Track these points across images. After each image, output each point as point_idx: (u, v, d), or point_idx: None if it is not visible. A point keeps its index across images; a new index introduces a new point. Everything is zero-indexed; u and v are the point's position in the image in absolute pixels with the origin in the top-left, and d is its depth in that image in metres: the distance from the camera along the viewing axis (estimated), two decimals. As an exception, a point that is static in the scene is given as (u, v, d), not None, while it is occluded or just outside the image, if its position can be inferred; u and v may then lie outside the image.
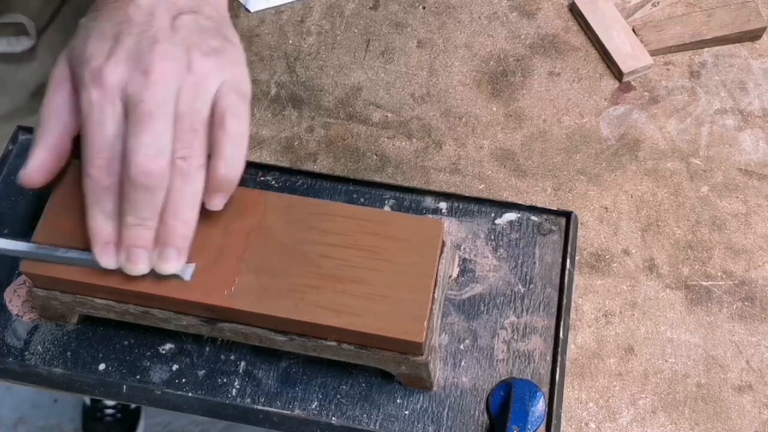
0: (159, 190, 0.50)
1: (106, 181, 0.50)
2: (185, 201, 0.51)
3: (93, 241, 0.52)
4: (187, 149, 0.50)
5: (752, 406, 0.61)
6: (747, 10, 0.77)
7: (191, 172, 0.51)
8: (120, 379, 0.59)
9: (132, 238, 0.51)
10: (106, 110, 0.50)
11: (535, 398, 0.57)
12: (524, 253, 0.64)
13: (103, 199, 0.51)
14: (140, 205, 0.50)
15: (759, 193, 0.70)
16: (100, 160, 0.50)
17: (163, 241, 0.51)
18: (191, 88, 0.50)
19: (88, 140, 0.50)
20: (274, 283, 0.54)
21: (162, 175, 0.49)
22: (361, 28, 0.80)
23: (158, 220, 0.51)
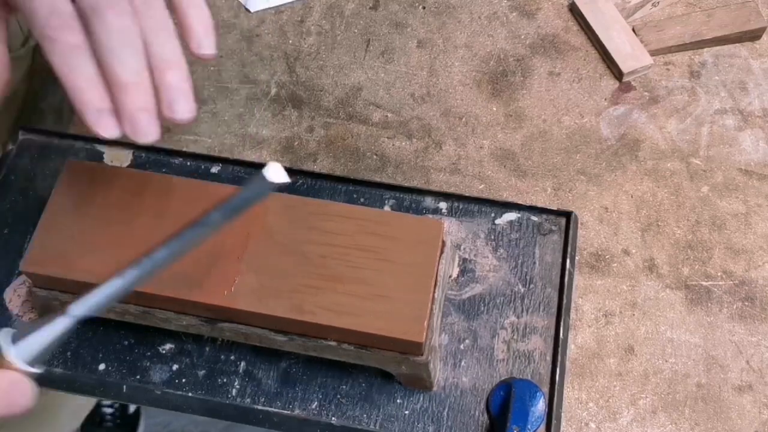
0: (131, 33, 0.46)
1: (72, 39, 0.46)
2: (165, 43, 0.47)
3: (84, 111, 0.46)
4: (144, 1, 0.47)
5: (752, 406, 0.61)
6: (747, 10, 0.77)
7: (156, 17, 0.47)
8: (120, 379, 0.59)
9: (131, 98, 0.46)
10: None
11: (535, 398, 0.57)
12: (524, 253, 0.64)
13: (79, 60, 0.46)
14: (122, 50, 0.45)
15: (759, 193, 0.70)
16: (57, 20, 0.45)
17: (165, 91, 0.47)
18: None
19: (35, 8, 0.45)
20: (274, 283, 0.54)
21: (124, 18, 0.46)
22: (361, 28, 0.80)
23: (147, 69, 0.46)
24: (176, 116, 0.47)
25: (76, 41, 0.46)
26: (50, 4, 0.46)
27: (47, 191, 0.58)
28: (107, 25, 0.45)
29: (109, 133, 0.46)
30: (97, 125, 0.46)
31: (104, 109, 0.46)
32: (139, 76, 0.46)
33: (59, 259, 0.55)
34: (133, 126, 0.46)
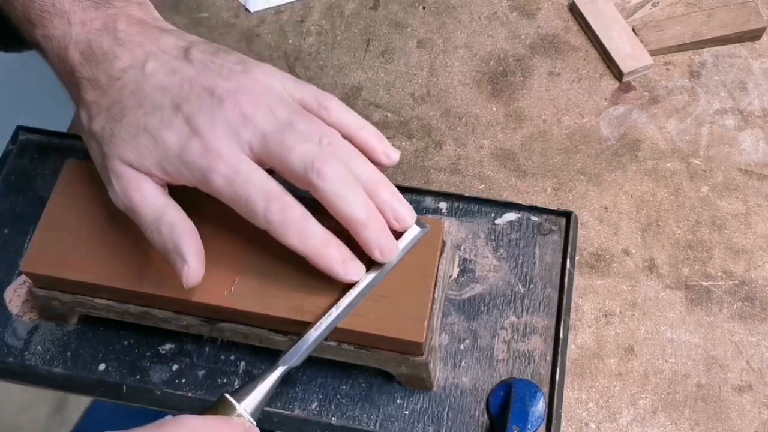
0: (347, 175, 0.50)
1: (296, 213, 0.50)
2: (361, 164, 0.51)
3: (331, 268, 0.51)
4: (323, 135, 0.51)
5: (752, 406, 0.61)
6: (747, 10, 0.77)
7: (341, 144, 0.51)
8: (120, 379, 0.59)
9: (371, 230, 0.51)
10: (242, 168, 0.49)
11: (535, 398, 0.57)
12: (524, 253, 0.64)
13: (308, 229, 0.50)
14: (348, 193, 0.49)
15: (759, 193, 0.70)
16: (276, 204, 0.49)
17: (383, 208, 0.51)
18: (275, 99, 0.51)
19: (250, 201, 0.49)
20: (274, 283, 0.54)
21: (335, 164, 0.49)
22: (361, 28, 0.80)
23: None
24: (404, 225, 0.53)
25: (300, 213, 0.50)
26: (263, 191, 0.49)
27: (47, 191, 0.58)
28: (327, 178, 0.49)
29: (358, 275, 0.51)
30: (348, 274, 0.51)
31: (346, 258, 0.51)
32: (369, 208, 0.50)
33: (59, 259, 0.55)
34: (382, 251, 0.51)
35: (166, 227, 0.51)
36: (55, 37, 0.53)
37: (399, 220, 0.52)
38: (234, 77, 0.51)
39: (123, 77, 0.51)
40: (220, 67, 0.52)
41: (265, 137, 0.50)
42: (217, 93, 0.50)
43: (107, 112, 0.51)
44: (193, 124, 0.49)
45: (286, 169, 0.50)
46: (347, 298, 0.52)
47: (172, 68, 0.51)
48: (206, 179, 0.50)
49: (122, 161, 0.51)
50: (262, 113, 0.50)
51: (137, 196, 0.51)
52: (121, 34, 0.52)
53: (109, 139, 0.51)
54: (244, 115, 0.50)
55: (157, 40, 0.53)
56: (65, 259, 0.55)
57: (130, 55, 0.51)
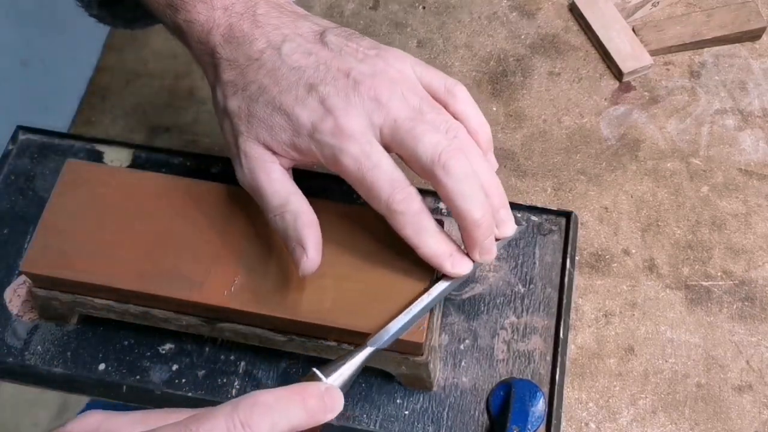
0: (471, 173, 0.50)
1: (416, 206, 0.50)
2: (482, 164, 0.52)
3: (440, 261, 0.51)
4: (450, 127, 0.51)
5: (752, 406, 0.61)
6: (747, 10, 0.77)
7: (467, 140, 0.52)
8: (120, 379, 0.59)
9: (483, 231, 0.51)
10: (372, 152, 0.50)
11: (535, 398, 0.57)
12: (524, 253, 0.64)
13: (423, 222, 0.51)
14: (471, 192, 0.50)
15: (759, 193, 0.70)
16: (399, 194, 0.50)
17: (494, 211, 0.52)
18: (407, 85, 0.52)
19: (375, 186, 0.50)
20: (273, 283, 0.54)
21: (461, 159, 0.50)
22: (361, 28, 0.80)
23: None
24: (504, 234, 0.54)
25: (419, 205, 0.51)
26: (389, 178, 0.50)
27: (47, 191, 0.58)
28: (452, 173, 0.50)
29: (465, 270, 0.52)
30: (456, 268, 0.52)
31: (453, 253, 0.52)
32: (485, 209, 0.51)
33: (59, 259, 0.55)
34: (483, 253, 0.52)
35: (290, 215, 0.51)
36: (197, 21, 0.54)
37: (500, 227, 0.53)
38: (369, 61, 0.52)
39: (261, 57, 0.52)
40: (355, 50, 0.52)
41: (396, 123, 0.50)
42: (352, 75, 0.51)
43: (243, 92, 0.52)
44: (328, 104, 0.50)
45: (413, 158, 0.50)
46: (439, 288, 0.53)
47: (307, 50, 0.52)
48: (336, 159, 0.50)
49: (255, 140, 0.52)
50: (395, 99, 0.51)
51: (264, 177, 0.52)
52: (260, 17, 0.53)
53: (245, 117, 0.52)
54: (377, 99, 0.50)
55: (294, 23, 0.54)
56: (65, 259, 0.55)
57: (267, 38, 0.53)
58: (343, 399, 0.45)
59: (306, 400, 0.43)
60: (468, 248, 0.52)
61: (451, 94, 0.53)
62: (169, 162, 0.67)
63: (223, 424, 0.39)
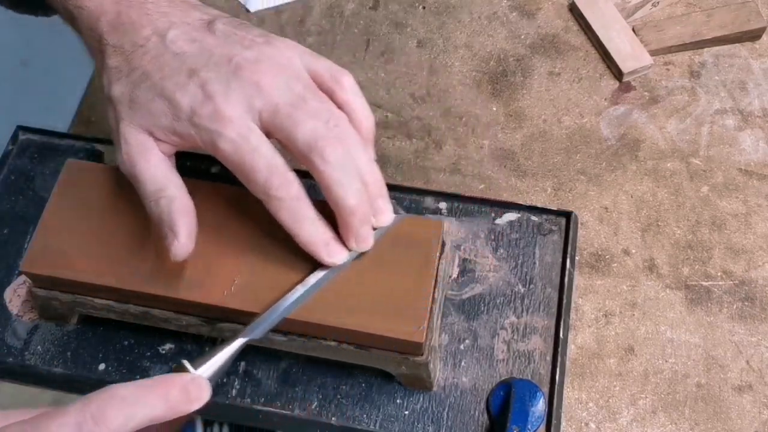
0: (348, 161, 0.51)
1: (294, 192, 0.51)
2: (361, 154, 0.52)
3: (315, 248, 0.52)
4: (332, 117, 0.52)
5: (752, 406, 0.61)
6: (747, 10, 0.77)
7: (347, 130, 0.52)
8: (120, 379, 0.59)
9: (358, 218, 0.51)
10: (251, 137, 0.50)
11: (535, 398, 0.57)
12: (524, 253, 0.64)
13: (302, 209, 0.51)
14: (346, 179, 0.50)
15: (759, 193, 0.70)
16: (277, 179, 0.50)
17: (371, 200, 0.52)
18: (292, 72, 0.52)
19: (253, 171, 0.50)
20: (273, 283, 0.54)
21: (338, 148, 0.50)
22: (361, 28, 0.80)
23: None
24: (381, 222, 0.54)
25: (297, 192, 0.51)
26: (267, 163, 0.50)
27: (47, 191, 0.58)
28: (329, 162, 0.50)
29: (341, 259, 0.52)
30: (330, 256, 0.52)
31: (329, 241, 0.52)
32: (361, 196, 0.51)
33: (59, 259, 0.55)
34: (358, 240, 0.52)
35: (165, 200, 0.51)
36: (87, 7, 0.54)
37: (377, 215, 0.53)
38: (255, 48, 0.52)
39: (146, 44, 0.52)
40: (242, 38, 0.53)
41: (276, 108, 0.50)
42: (234, 61, 0.51)
43: (127, 78, 0.53)
44: (208, 89, 0.50)
45: (291, 144, 0.51)
46: (314, 278, 0.53)
47: (192, 37, 0.52)
48: (214, 143, 0.50)
49: (136, 125, 0.52)
50: (277, 85, 0.51)
51: (142, 163, 0.52)
52: (149, 6, 0.54)
53: (127, 103, 0.52)
54: (258, 84, 0.51)
55: (183, 12, 0.54)
56: (65, 259, 0.55)
57: (153, 25, 0.53)
58: (209, 390, 0.45)
59: (169, 391, 0.43)
60: (344, 236, 0.52)
61: (336, 82, 0.54)
62: (169, 162, 0.67)
63: (73, 419, 0.38)
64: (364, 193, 0.51)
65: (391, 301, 0.53)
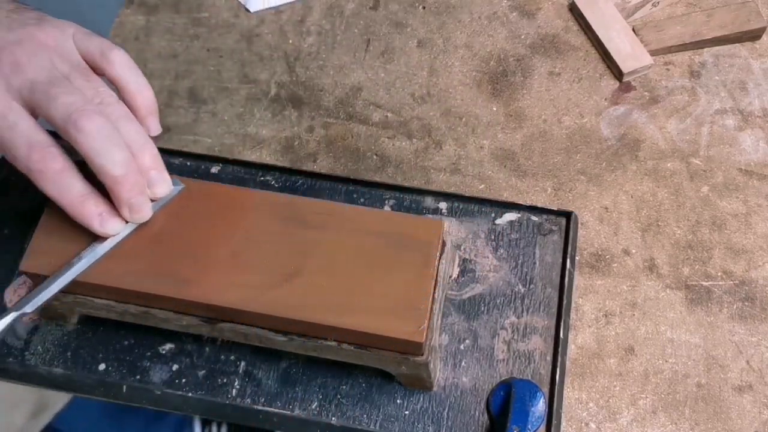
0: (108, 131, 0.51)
1: (57, 165, 0.51)
2: (129, 126, 0.53)
3: (87, 221, 0.53)
4: (97, 94, 0.52)
5: (752, 406, 0.61)
6: (747, 10, 0.77)
7: (113, 104, 0.53)
8: (120, 379, 0.59)
9: (126, 188, 0.52)
10: (9, 114, 0.51)
11: (535, 398, 0.57)
12: (524, 253, 0.64)
13: (67, 181, 0.52)
14: (107, 149, 0.51)
15: (759, 193, 0.70)
16: (37, 153, 0.51)
17: (144, 172, 0.53)
18: (58, 52, 0.53)
19: (13, 146, 0.51)
20: (273, 283, 0.54)
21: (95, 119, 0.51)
22: (361, 28, 0.80)
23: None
24: (155, 194, 0.55)
25: (61, 165, 0.51)
26: (27, 139, 0.51)
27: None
28: (85, 132, 0.50)
29: (115, 230, 0.53)
30: (103, 228, 0.53)
31: (103, 212, 0.53)
32: (128, 166, 0.52)
33: (59, 259, 0.55)
34: (131, 210, 0.53)
35: None
36: None
37: (152, 187, 0.54)
38: (21, 29, 0.53)
39: None
40: (12, 20, 0.54)
41: (33, 86, 0.51)
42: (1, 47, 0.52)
43: None
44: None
45: (50, 120, 0.51)
46: (90, 251, 0.53)
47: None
48: None
49: None
50: (36, 63, 0.52)
51: None
52: None
53: None
54: (17, 63, 0.52)
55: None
56: (65, 259, 0.55)
57: None
58: None
59: None
60: (117, 207, 0.53)
61: (106, 59, 0.55)
62: (169, 162, 0.67)
63: None
64: (131, 164, 0.52)
65: (391, 301, 0.53)
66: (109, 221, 0.53)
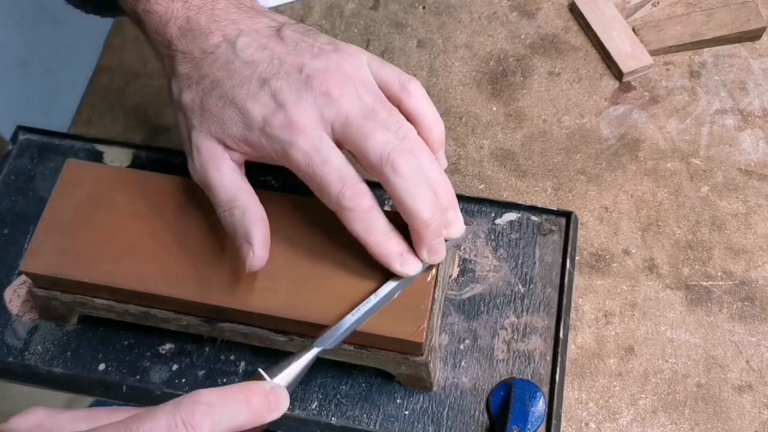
0: (419, 172, 0.50)
1: (367, 203, 0.51)
2: (432, 164, 0.52)
3: (389, 260, 0.52)
4: (401, 128, 0.51)
5: (752, 406, 0.61)
6: (747, 10, 0.77)
7: (417, 141, 0.52)
8: (120, 379, 0.59)
9: (431, 231, 0.51)
10: (322, 147, 0.50)
11: (535, 398, 0.57)
12: (524, 253, 0.64)
13: (375, 220, 0.51)
14: (419, 192, 0.50)
15: (759, 193, 0.70)
16: (349, 190, 0.50)
17: (443, 212, 0.52)
18: (361, 82, 0.52)
19: (325, 182, 0.50)
20: (273, 283, 0.54)
21: (410, 159, 0.50)
22: (361, 28, 0.80)
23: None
24: (451, 235, 0.54)
25: (369, 203, 0.51)
26: (340, 174, 0.50)
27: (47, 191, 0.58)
28: (400, 172, 0.50)
29: (415, 270, 0.52)
30: (404, 267, 0.52)
31: (403, 252, 0.52)
32: (434, 208, 0.51)
33: (59, 259, 0.55)
34: (431, 252, 0.52)
35: (238, 211, 0.52)
36: (156, 12, 0.54)
37: (449, 227, 0.53)
38: (324, 56, 0.52)
39: (216, 51, 0.52)
40: (311, 45, 0.53)
41: (347, 119, 0.50)
42: (305, 71, 0.51)
43: (197, 85, 0.53)
44: (279, 98, 0.50)
45: (362, 156, 0.51)
46: (385, 289, 0.52)
47: (262, 45, 0.52)
48: (286, 153, 0.50)
49: (207, 133, 0.52)
50: (348, 95, 0.51)
51: (215, 173, 0.52)
52: (218, 12, 0.54)
53: (198, 111, 0.52)
54: (329, 94, 0.51)
55: (252, 19, 0.54)
56: (65, 259, 0.55)
57: (223, 32, 0.53)
58: (288, 399, 0.46)
59: (250, 399, 0.43)
60: (417, 248, 0.52)
61: (405, 90, 0.54)
62: (169, 162, 0.67)
63: (164, 423, 0.39)
64: (436, 205, 0.51)
65: (392, 301, 0.53)
66: (408, 262, 0.52)
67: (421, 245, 0.52)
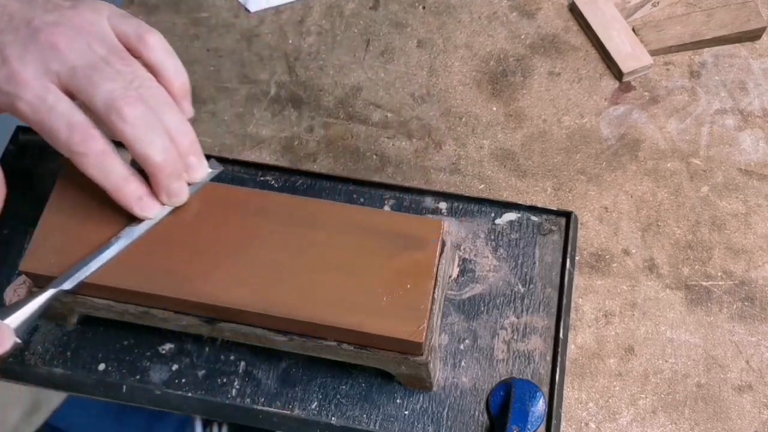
0: (149, 119, 0.51)
1: (99, 147, 0.51)
2: (169, 112, 0.53)
3: (127, 203, 0.53)
4: (136, 78, 0.52)
5: (752, 406, 0.61)
6: (747, 10, 0.77)
7: (153, 89, 0.53)
8: (120, 379, 0.59)
9: (165, 173, 0.52)
10: (49, 96, 0.51)
11: (535, 398, 0.57)
12: (524, 253, 0.64)
13: (110, 164, 0.52)
14: (148, 135, 0.51)
15: (759, 193, 0.70)
16: (78, 135, 0.51)
17: (182, 157, 0.53)
18: (95, 35, 0.53)
19: (53, 129, 0.51)
20: (273, 283, 0.54)
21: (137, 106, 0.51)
22: (361, 28, 0.80)
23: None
24: (193, 178, 0.55)
25: (102, 147, 0.51)
26: (67, 121, 0.51)
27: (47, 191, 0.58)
28: (128, 120, 0.51)
29: (154, 213, 0.54)
30: (143, 211, 0.54)
31: (143, 195, 0.53)
32: (168, 152, 0.52)
33: (59, 259, 0.55)
34: (169, 195, 0.54)
35: None
36: None
37: (190, 172, 0.55)
38: (57, 11, 0.53)
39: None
40: (46, 2, 0.54)
41: (73, 70, 0.51)
42: (33, 24, 0.52)
43: None
44: (4, 53, 0.51)
45: (91, 105, 0.51)
46: (128, 230, 0.54)
47: (1, 5, 0.53)
48: (13, 105, 0.51)
49: None
50: (77, 47, 0.52)
51: None
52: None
53: None
54: (55, 46, 0.51)
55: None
56: (65, 259, 0.55)
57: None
58: (12, 336, 0.49)
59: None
60: (155, 191, 0.54)
61: (143, 42, 0.54)
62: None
63: None
64: (171, 150, 0.52)
65: (391, 301, 0.53)
66: (148, 205, 0.54)
67: (159, 189, 0.53)
